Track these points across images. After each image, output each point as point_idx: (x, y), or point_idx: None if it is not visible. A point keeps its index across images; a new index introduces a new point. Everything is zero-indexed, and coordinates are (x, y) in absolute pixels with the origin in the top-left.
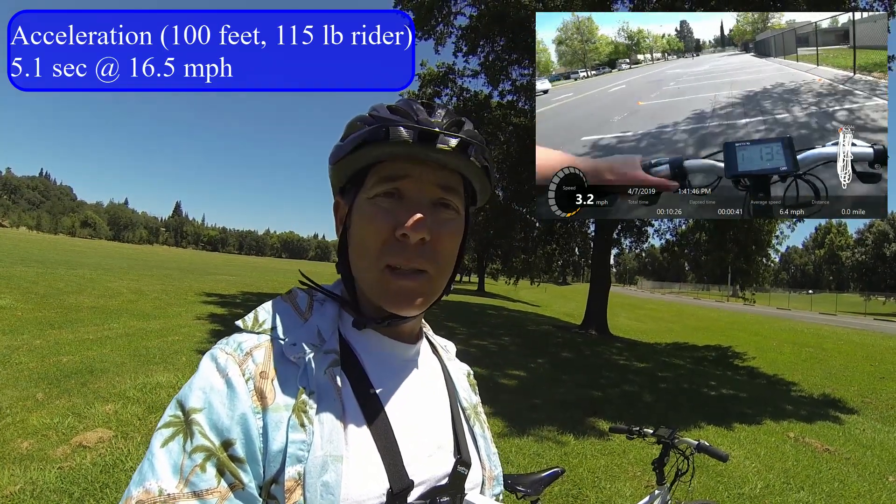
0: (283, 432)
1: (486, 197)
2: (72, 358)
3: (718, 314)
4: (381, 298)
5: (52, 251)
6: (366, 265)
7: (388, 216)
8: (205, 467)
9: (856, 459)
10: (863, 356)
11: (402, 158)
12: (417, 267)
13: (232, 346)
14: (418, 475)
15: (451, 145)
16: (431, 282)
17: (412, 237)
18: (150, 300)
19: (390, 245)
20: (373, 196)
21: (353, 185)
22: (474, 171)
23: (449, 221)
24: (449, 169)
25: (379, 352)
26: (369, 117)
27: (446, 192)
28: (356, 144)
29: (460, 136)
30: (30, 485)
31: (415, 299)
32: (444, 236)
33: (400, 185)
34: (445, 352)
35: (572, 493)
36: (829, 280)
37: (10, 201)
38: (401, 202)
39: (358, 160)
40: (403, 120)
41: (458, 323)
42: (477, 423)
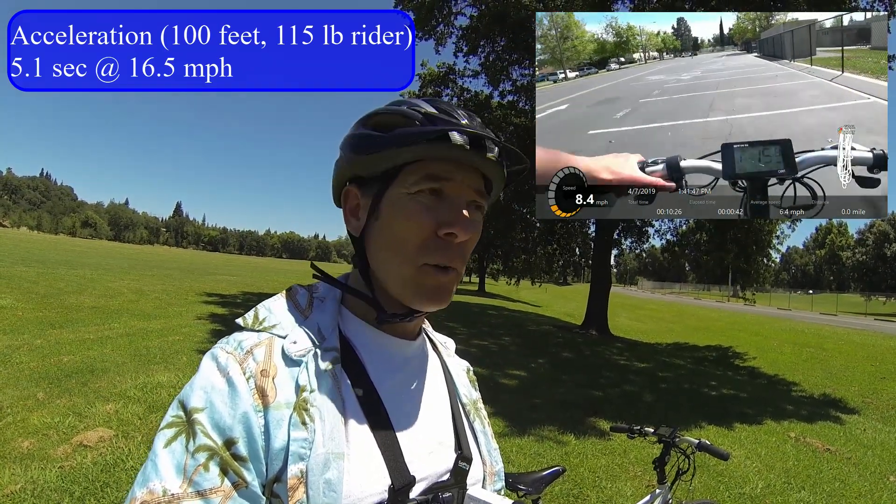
0: (285, 430)
1: (495, 199)
2: (72, 357)
3: (719, 314)
4: (414, 294)
5: (52, 251)
6: (400, 261)
7: (432, 213)
8: (208, 466)
9: (857, 459)
10: (863, 356)
11: (450, 160)
12: (454, 265)
13: (232, 345)
14: (420, 471)
15: (496, 154)
16: (458, 279)
17: (460, 236)
18: (150, 300)
19: (431, 242)
20: (415, 192)
21: (382, 178)
22: (501, 180)
23: (478, 223)
24: (483, 175)
25: (379, 349)
26: (417, 113)
27: (479, 195)
28: (411, 140)
29: (503, 145)
30: (31, 484)
31: (446, 295)
32: (474, 236)
33: (443, 185)
34: (445, 348)
35: (573, 493)
36: (830, 280)
37: (10, 201)
38: (442, 201)
39: (402, 155)
40: (452, 120)
41: (459, 323)
42: (477, 418)
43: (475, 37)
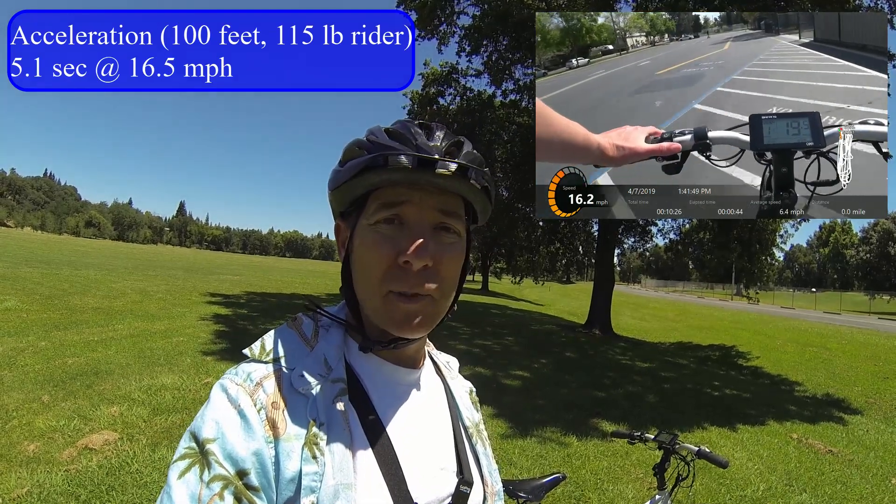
0: (296, 462)
1: (487, 216)
2: (77, 360)
3: (722, 313)
4: (385, 323)
5: (56, 251)
6: (369, 291)
7: (390, 243)
8: (223, 496)
9: (859, 461)
10: (867, 356)
11: (402, 184)
12: (420, 292)
13: (241, 377)
14: (422, 497)
15: (451, 170)
16: (434, 304)
17: (415, 264)
18: (154, 301)
19: (393, 271)
20: (374, 222)
21: (355, 209)
22: (474, 194)
23: (450, 245)
24: (449, 192)
25: (383, 378)
26: (367, 142)
27: (447, 216)
28: (356, 172)
29: (459, 162)
30: (37, 487)
31: (418, 322)
32: (445, 260)
33: (400, 210)
34: (448, 370)
35: (575, 495)
36: (834, 279)
37: (14, 201)
38: (402, 228)
39: (357, 187)
40: (402, 147)
41: (462, 322)
42: (479, 440)
43: (478, 36)
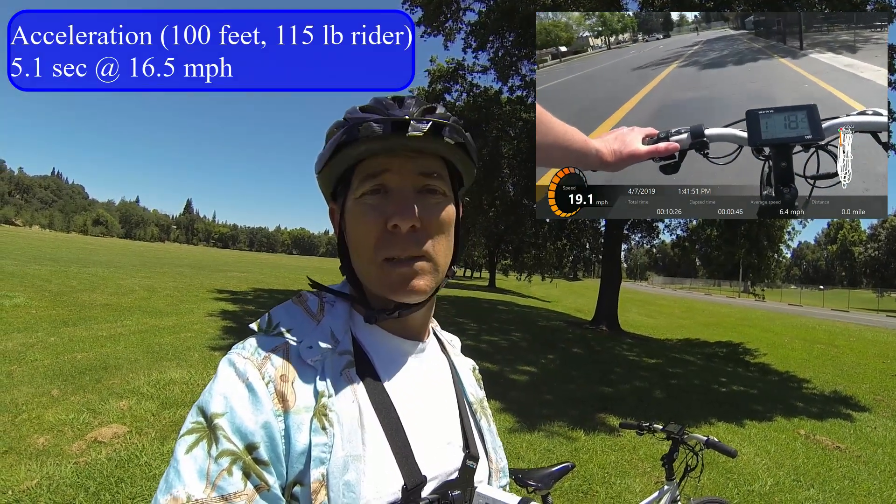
0: (306, 434)
1: (472, 177)
2: (86, 355)
3: (729, 310)
4: (383, 290)
5: (64, 249)
6: (365, 262)
7: (377, 211)
8: (231, 471)
9: (867, 457)
10: (875, 353)
11: (379, 153)
12: (413, 254)
13: (249, 350)
14: (430, 471)
15: (423, 130)
16: (430, 266)
17: (402, 226)
18: (162, 297)
19: (384, 238)
20: (359, 195)
21: (343, 188)
22: (452, 152)
23: (437, 205)
24: (428, 154)
25: (389, 351)
26: (343, 121)
27: (429, 178)
28: (333, 149)
29: (431, 119)
30: (46, 479)
31: (417, 284)
32: (434, 220)
33: (383, 179)
34: (452, 347)
35: (582, 489)
36: (842, 276)
37: (22, 200)
38: (387, 196)
39: (339, 164)
40: (373, 115)
41: (469, 319)
42: (483, 417)
43: (484, 32)
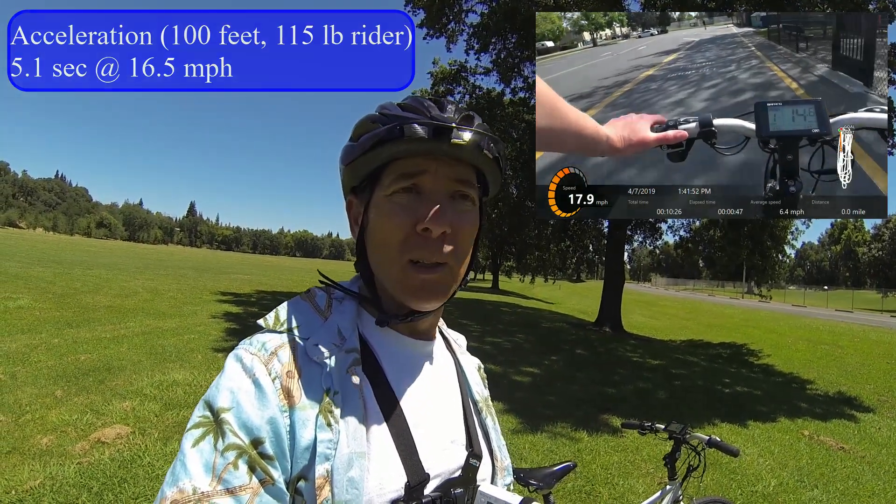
0: (311, 430)
1: (497, 188)
2: (89, 356)
3: (733, 311)
4: (404, 293)
5: (68, 252)
6: (388, 261)
7: (408, 212)
8: (237, 464)
9: (871, 458)
10: (879, 354)
11: (418, 155)
12: (439, 260)
13: (256, 346)
14: (433, 468)
15: (466, 140)
16: (451, 274)
17: (434, 231)
18: (165, 299)
19: (412, 240)
20: (391, 193)
21: (369, 183)
22: (487, 164)
23: (467, 213)
24: (463, 162)
25: (395, 350)
26: (381, 116)
27: (462, 184)
28: (373, 143)
29: (474, 130)
30: (49, 479)
31: (437, 292)
32: (463, 228)
33: (417, 180)
34: (457, 345)
35: (585, 490)
36: (846, 276)
37: (26, 203)
38: (419, 197)
39: (374, 159)
40: (417, 117)
41: (473, 320)
42: (488, 415)
43: (486, 34)
